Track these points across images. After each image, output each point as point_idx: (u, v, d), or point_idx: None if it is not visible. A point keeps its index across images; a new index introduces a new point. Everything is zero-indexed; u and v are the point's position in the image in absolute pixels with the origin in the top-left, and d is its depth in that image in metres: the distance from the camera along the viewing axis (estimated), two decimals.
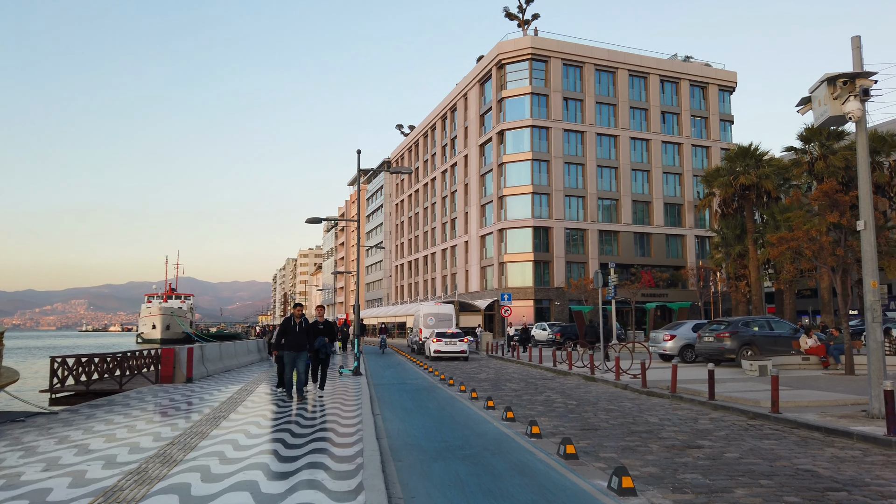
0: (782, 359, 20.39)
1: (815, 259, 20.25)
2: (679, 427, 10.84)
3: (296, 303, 15.12)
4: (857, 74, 10.90)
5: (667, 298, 57.42)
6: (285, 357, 13.97)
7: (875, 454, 8.59)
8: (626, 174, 62.75)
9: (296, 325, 14.04)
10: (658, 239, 63.23)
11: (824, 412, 11.47)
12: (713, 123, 67.03)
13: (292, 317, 14.12)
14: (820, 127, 12.57)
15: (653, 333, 27.15)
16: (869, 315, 11.08)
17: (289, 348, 13.88)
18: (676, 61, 66.92)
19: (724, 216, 44.24)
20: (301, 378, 13.95)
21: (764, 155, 42.81)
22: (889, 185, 39.05)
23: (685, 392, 14.65)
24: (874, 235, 11.35)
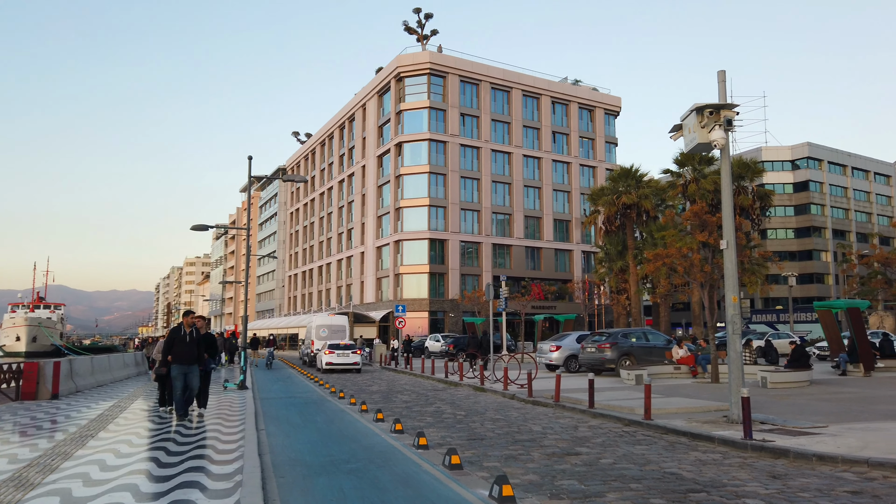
0: (656, 368, 21.69)
1: (687, 275, 21.76)
2: (560, 435, 11.27)
3: (187, 310, 13.84)
4: (722, 106, 11.88)
5: (555, 311, 59.59)
6: (174, 371, 12.51)
7: (733, 456, 9.31)
8: (518, 190, 64.73)
9: (186, 335, 12.70)
10: (548, 253, 65.60)
11: (691, 418, 12.31)
12: (599, 145, 70.60)
13: (182, 326, 12.81)
14: (690, 153, 13.58)
15: (540, 344, 28.08)
16: (730, 328, 12.04)
17: (178, 361, 12.51)
18: (567, 84, 70.03)
19: (608, 233, 46.64)
20: (191, 395, 12.73)
21: (644, 176, 45.58)
22: (752, 207, 42.68)
23: (568, 401, 15.25)
24: (735, 254, 12.36)
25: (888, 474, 7.97)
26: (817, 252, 79.85)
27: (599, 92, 71.97)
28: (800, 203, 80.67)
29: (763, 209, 45.58)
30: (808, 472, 8.24)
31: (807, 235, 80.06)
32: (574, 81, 71.47)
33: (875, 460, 8.34)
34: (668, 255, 21.94)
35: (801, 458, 8.83)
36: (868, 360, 22.21)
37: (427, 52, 61.98)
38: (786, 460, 8.92)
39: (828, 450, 8.99)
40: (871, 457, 8.48)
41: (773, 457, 9.13)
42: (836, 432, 10.46)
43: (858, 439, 9.79)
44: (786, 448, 9.16)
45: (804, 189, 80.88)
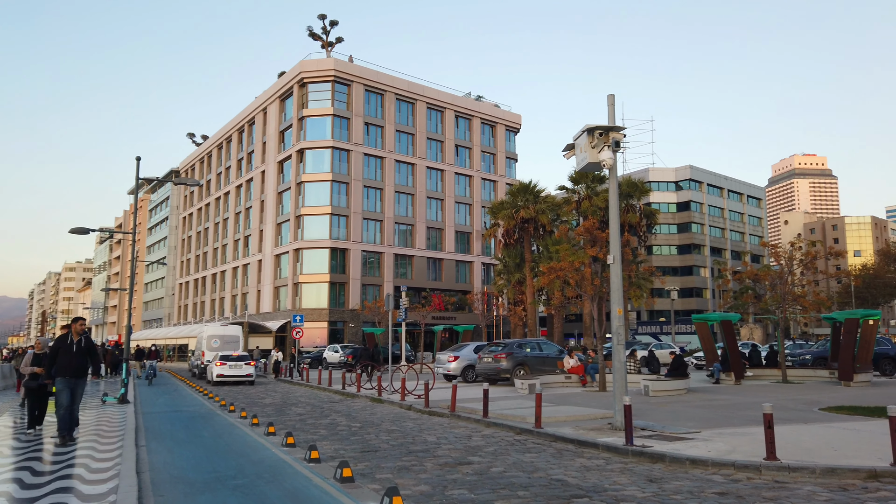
0: (549, 377, 22.42)
1: (578, 287, 22.67)
2: (454, 445, 11.39)
3: (76, 317, 12.37)
4: (611, 128, 12.52)
5: (455, 321, 60.27)
6: (59, 384, 11.20)
7: (615, 462, 9.76)
8: (421, 201, 65.16)
9: (73, 345, 11.46)
10: (449, 264, 66.35)
11: (578, 426, 12.81)
12: (500, 160, 72.42)
13: (69, 334, 11.56)
14: (582, 171, 14.22)
15: (439, 355, 28.31)
16: (615, 339, 12.65)
17: (63, 374, 11.24)
18: (470, 99, 71.44)
19: (507, 246, 47.85)
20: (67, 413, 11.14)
21: (541, 192, 47.19)
22: (639, 225, 45.15)
23: (463, 411, 15.44)
24: (621, 269, 13.03)
25: (752, 476, 8.62)
26: (697, 268, 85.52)
27: (501, 109, 73.91)
28: (682, 222, 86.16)
29: (649, 227, 48.36)
30: (681, 475, 8.78)
31: (688, 252, 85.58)
32: (477, 97, 73.04)
33: (740, 463, 9.00)
34: (561, 269, 22.77)
35: (676, 462, 9.39)
36: (738, 369, 23.97)
37: (332, 59, 61.36)
38: (662, 464, 9.46)
39: (699, 454, 9.62)
40: (737, 460, 9.15)
41: (651, 461, 9.66)
42: (708, 437, 11.21)
43: (727, 443, 10.53)
44: (662, 453, 9.72)
45: (686, 209, 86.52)
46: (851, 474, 8.39)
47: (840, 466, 8.57)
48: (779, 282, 25.42)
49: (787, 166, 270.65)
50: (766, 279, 26.42)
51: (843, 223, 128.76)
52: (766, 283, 26.92)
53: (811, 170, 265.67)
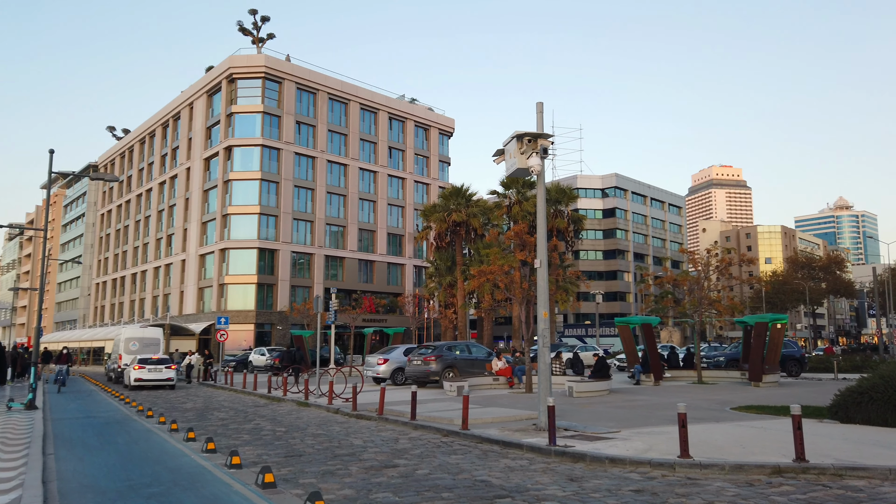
0: (477, 380, 22.65)
1: (508, 291, 23.04)
2: (380, 448, 11.35)
3: None
4: (539, 135, 12.79)
5: (385, 324, 60.04)
6: None
7: (539, 462, 9.97)
8: (353, 202, 64.60)
9: None
10: (381, 266, 66.04)
11: (504, 427, 13.00)
12: (433, 163, 72.70)
13: None
14: (510, 177, 14.45)
15: (368, 357, 28.13)
16: (540, 341, 12.91)
17: None
18: (404, 102, 71.44)
19: (439, 249, 48.07)
20: None
21: (473, 196, 47.68)
22: (567, 230, 46.26)
23: (391, 413, 15.40)
24: (547, 272, 13.32)
25: (666, 473, 8.98)
26: (621, 273, 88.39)
27: (434, 112, 74.24)
28: (608, 228, 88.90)
29: (577, 232, 49.64)
30: (601, 473, 9.05)
31: (613, 257, 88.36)
32: (411, 100, 73.13)
33: (656, 461, 9.37)
34: (491, 272, 23.09)
35: (596, 462, 9.68)
36: (657, 371, 24.92)
37: (263, 55, 60.06)
38: (583, 464, 9.72)
39: (618, 453, 9.95)
40: (653, 458, 9.51)
41: (572, 461, 9.91)
42: (627, 436, 11.60)
43: (644, 442, 10.93)
44: (584, 452, 9.99)
45: (612, 215, 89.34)
46: (757, 470, 8.87)
47: (747, 463, 9.05)
48: (696, 287, 26.60)
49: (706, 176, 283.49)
50: (684, 284, 27.59)
51: (755, 232, 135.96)
52: (684, 288, 28.13)
53: (728, 180, 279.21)
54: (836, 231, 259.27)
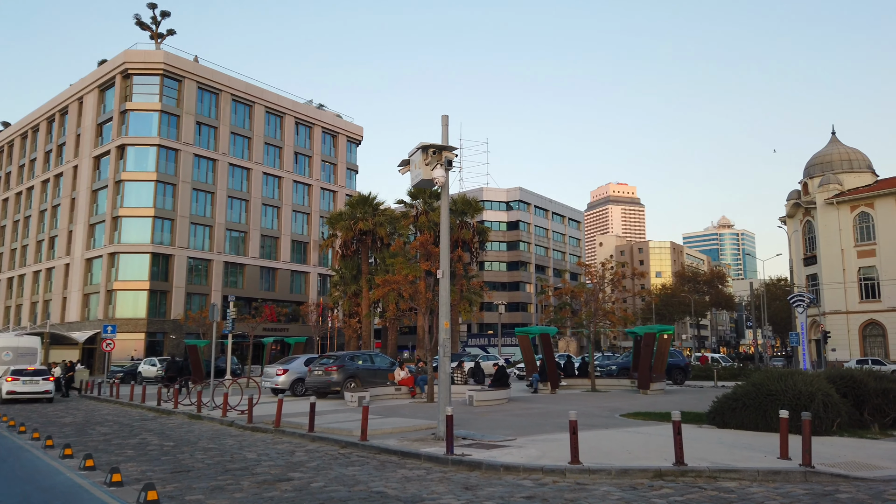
0: (379, 390, 22.53)
1: (412, 300, 23.13)
2: (275, 461, 11.05)
3: None
4: (444, 147, 12.97)
5: (287, 333, 58.53)
6: None
7: (436, 472, 10.03)
8: (256, 208, 62.79)
9: None
10: (283, 274, 64.47)
11: (404, 437, 13.00)
12: (340, 170, 71.98)
13: None
14: (416, 187, 14.55)
15: (267, 368, 27.35)
16: (441, 350, 13.04)
17: None
18: (312, 107, 70.37)
19: (344, 257, 47.55)
20: None
21: (380, 205, 47.57)
22: (472, 241, 47.02)
23: (289, 426, 15.04)
24: (449, 283, 13.49)
25: (557, 479, 9.29)
26: (523, 284, 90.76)
27: (343, 119, 73.61)
28: (511, 240, 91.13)
29: (482, 243, 50.55)
30: (495, 481, 9.23)
31: (516, 269, 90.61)
32: (319, 105, 72.14)
33: (548, 467, 9.67)
34: (396, 282, 23.12)
35: (492, 470, 9.87)
36: (554, 379, 25.74)
37: (162, 51, 57.44)
38: (479, 472, 9.88)
39: (513, 460, 10.19)
40: (545, 464, 9.82)
41: (469, 469, 10.05)
42: (523, 444, 11.91)
43: (538, 449, 11.26)
44: (480, 461, 10.16)
45: (515, 228, 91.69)
46: (641, 474, 9.34)
47: (632, 467, 9.52)
48: (592, 299, 27.75)
49: (604, 193, 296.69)
50: (581, 296, 28.72)
51: (647, 247, 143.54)
52: (581, 300, 29.27)
53: (623, 197, 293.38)
54: (718, 248, 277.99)
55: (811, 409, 12.18)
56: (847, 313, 52.03)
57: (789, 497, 8.13)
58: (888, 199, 50.66)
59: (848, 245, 52.55)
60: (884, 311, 50.06)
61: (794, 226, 58.79)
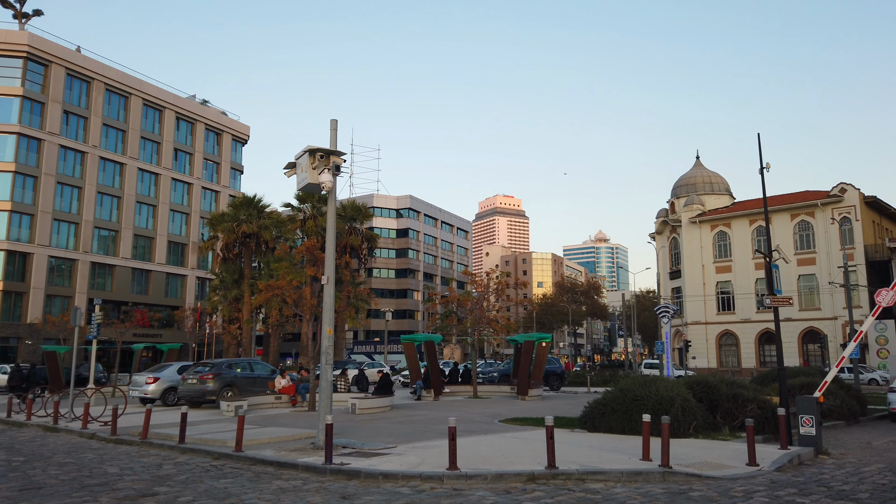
0: (258, 398, 21.80)
1: (297, 307, 22.60)
2: (140, 475, 10.39)
3: None
4: (332, 151, 12.83)
5: (160, 339, 55.34)
6: None
7: (313, 482, 9.84)
8: (130, 205, 58.97)
9: None
10: (158, 277, 60.92)
11: (281, 447, 12.65)
12: (224, 170, 69.17)
13: None
14: (302, 191, 14.27)
15: (135, 376, 25.72)
16: (323, 358, 12.84)
17: None
18: (195, 103, 67.21)
19: (226, 260, 45.61)
20: None
21: (266, 207, 46.12)
22: (361, 247, 46.68)
23: (157, 437, 14.22)
24: (334, 289, 13.32)
25: (435, 485, 9.40)
26: (411, 291, 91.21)
27: (228, 117, 70.88)
28: (400, 248, 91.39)
29: (370, 250, 50.29)
30: (374, 489, 9.20)
31: (404, 276, 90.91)
32: (202, 101, 69.03)
33: (426, 474, 9.76)
34: (280, 287, 22.48)
35: (370, 478, 9.82)
36: (437, 386, 26.04)
37: (26, 32, 52.82)
38: (358, 481, 9.81)
39: (392, 468, 10.20)
40: (424, 471, 9.91)
41: (347, 478, 9.95)
42: (403, 451, 11.95)
43: (418, 456, 11.34)
44: (358, 469, 10.09)
45: (405, 235, 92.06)
46: (515, 478, 9.65)
47: (507, 472, 9.81)
48: (476, 307, 28.36)
49: (491, 204, 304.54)
50: (466, 304, 29.28)
51: (531, 258, 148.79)
52: (466, 308, 29.83)
53: (509, 209, 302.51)
54: (595, 260, 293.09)
55: (671, 413, 13.10)
56: (706, 324, 56.48)
57: (649, 496, 8.70)
58: (742, 220, 55.64)
59: (708, 261, 57.12)
60: (737, 322, 54.81)
61: (662, 242, 63.13)
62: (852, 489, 9.17)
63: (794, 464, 11.14)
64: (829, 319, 49.82)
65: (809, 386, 17.86)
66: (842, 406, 18.39)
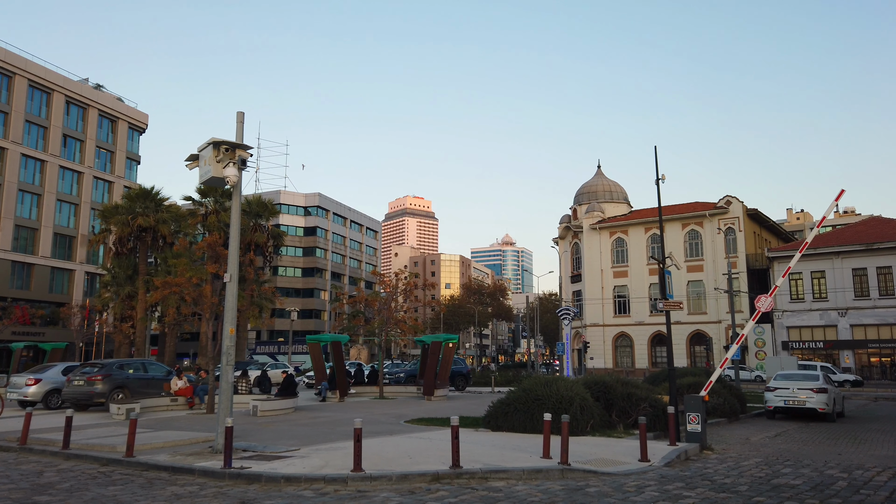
0: (152, 401, 20.75)
1: (196, 305, 21.65)
2: (17, 484, 9.64)
3: None
4: (238, 145, 12.41)
5: (43, 338, 51.46)
6: None
7: (210, 487, 9.48)
8: (11, 194, 54.51)
9: None
10: (42, 271, 56.67)
11: (177, 451, 12.10)
12: (119, 159, 65.35)
13: None
14: (204, 185, 13.72)
15: (14, 378, 23.84)
16: (224, 359, 12.40)
17: None
18: (87, 86, 63.08)
19: (119, 255, 43.08)
20: None
21: (164, 200, 43.97)
22: (266, 245, 45.41)
23: (38, 443, 13.25)
24: (237, 288, 12.88)
25: (339, 488, 9.29)
26: (318, 291, 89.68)
27: (124, 103, 67.03)
28: (308, 246, 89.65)
29: (276, 248, 49.01)
30: (275, 493, 8.98)
31: (311, 275, 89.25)
32: (96, 86, 64.92)
33: (330, 476, 9.63)
34: (178, 284, 21.47)
35: (272, 482, 9.58)
36: (343, 387, 25.74)
37: None
38: (258, 485, 9.54)
39: (294, 471, 9.99)
40: (328, 474, 9.77)
41: (247, 483, 9.66)
42: (306, 454, 11.73)
43: (322, 459, 11.17)
44: (259, 473, 9.81)
45: (313, 234, 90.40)
46: (420, 479, 9.70)
47: (411, 472, 9.84)
48: (384, 307, 28.26)
49: (401, 205, 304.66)
50: (374, 305, 29.10)
51: (439, 259, 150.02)
52: (374, 308, 29.65)
53: (419, 210, 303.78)
54: (502, 263, 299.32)
55: (570, 412, 13.60)
56: (604, 326, 58.98)
57: (548, 493, 8.98)
58: (638, 228, 58.56)
59: (606, 266, 59.69)
60: (632, 324, 57.59)
61: (564, 246, 65.38)
62: (733, 482, 9.86)
63: (681, 459, 11.84)
64: (714, 323, 53.27)
65: (696, 385, 19.02)
66: (724, 404, 19.72)
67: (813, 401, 19.71)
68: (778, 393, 20.43)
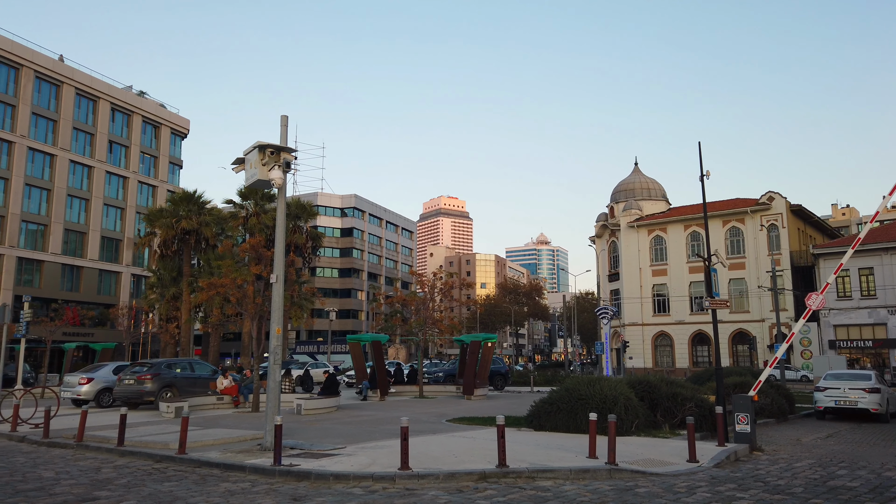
0: (199, 399, 21.21)
1: (239, 305, 22.08)
2: (77, 479, 9.99)
3: None
4: (283, 148, 12.63)
5: (93, 338, 53.14)
6: None
7: (262, 484, 9.67)
8: (60, 198, 56.38)
9: None
10: (91, 273, 58.46)
11: (227, 449, 12.37)
12: (162, 164, 67.00)
13: None
14: (251, 187, 14.01)
15: (67, 377, 24.64)
16: (272, 358, 12.63)
17: None
18: (131, 94, 64.85)
19: (164, 257, 44.13)
20: None
21: (207, 203, 44.85)
22: (305, 246, 46.00)
23: (94, 440, 13.68)
24: (283, 288, 13.11)
25: (387, 486, 9.38)
26: (355, 291, 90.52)
27: (167, 109, 68.68)
28: (345, 247, 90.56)
29: (315, 249, 49.59)
30: (325, 491, 9.11)
31: (348, 276, 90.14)
32: (140, 93, 66.66)
33: (378, 474, 9.73)
34: (222, 285, 21.92)
35: (321, 479, 9.72)
36: (384, 386, 25.94)
37: None
38: (308, 482, 9.69)
39: (342, 469, 10.13)
40: (376, 472, 9.88)
41: (297, 480, 9.82)
42: (353, 452, 11.87)
43: (368, 457, 11.29)
44: (308, 471, 9.97)
45: (349, 234, 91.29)
46: (467, 477, 9.73)
47: (458, 471, 9.88)
48: (422, 307, 28.39)
49: (436, 205, 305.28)
50: (412, 304, 29.27)
51: (475, 259, 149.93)
52: (412, 308, 29.83)
53: (454, 210, 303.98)
54: (537, 262, 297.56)
55: (615, 411, 13.47)
56: (643, 325, 58.16)
57: (597, 493, 8.92)
58: (678, 226, 57.58)
59: (645, 264, 58.84)
60: (672, 323, 56.66)
61: (601, 245, 64.67)
62: (787, 484, 9.65)
63: (731, 460, 11.63)
64: (757, 322, 52.08)
65: (742, 385, 18.67)
66: (772, 404, 19.30)
67: (865, 401, 19.16)
68: (828, 393, 19.92)
